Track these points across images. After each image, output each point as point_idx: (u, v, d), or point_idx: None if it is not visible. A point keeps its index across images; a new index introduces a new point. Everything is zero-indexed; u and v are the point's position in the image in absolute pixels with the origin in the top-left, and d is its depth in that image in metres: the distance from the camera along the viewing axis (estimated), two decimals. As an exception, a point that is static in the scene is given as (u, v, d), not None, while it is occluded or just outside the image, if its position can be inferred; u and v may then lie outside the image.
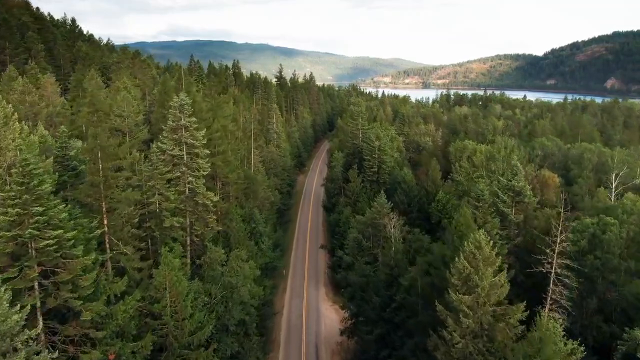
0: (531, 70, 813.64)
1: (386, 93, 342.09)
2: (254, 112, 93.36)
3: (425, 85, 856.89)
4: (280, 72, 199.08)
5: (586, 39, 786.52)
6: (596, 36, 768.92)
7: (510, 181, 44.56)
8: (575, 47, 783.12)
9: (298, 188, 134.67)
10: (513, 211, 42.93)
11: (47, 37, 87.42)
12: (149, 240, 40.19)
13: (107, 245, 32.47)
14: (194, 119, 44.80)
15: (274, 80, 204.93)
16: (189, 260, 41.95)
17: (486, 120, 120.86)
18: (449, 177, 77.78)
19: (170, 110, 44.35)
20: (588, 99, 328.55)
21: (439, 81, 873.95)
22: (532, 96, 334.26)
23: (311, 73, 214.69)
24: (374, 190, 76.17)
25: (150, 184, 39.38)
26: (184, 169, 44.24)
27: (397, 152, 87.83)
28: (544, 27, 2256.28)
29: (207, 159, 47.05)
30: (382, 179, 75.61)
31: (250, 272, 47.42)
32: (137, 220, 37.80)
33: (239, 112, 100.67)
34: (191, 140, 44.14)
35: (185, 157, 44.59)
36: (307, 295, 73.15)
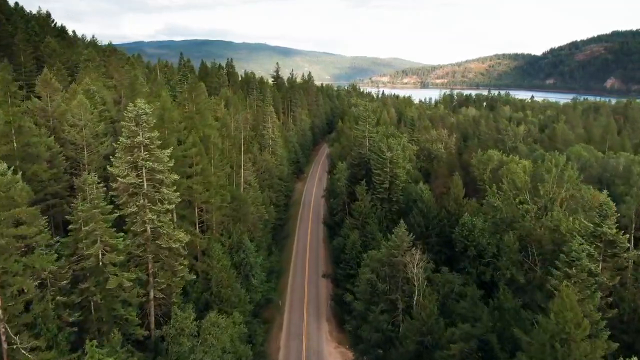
0: (530, 70, 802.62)
1: (386, 93, 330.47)
2: (244, 118, 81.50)
3: (424, 85, 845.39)
4: (277, 71, 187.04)
5: (585, 38, 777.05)
6: (595, 35, 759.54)
7: (600, 226, 31.85)
8: (574, 46, 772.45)
9: (296, 197, 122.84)
10: (600, 267, 30.69)
11: (5, 31, 75.08)
12: (91, 308, 28.36)
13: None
14: (156, 133, 32.90)
15: (270, 80, 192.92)
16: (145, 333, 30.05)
17: (505, 125, 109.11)
18: (472, 195, 66.14)
19: (123, 122, 32.47)
20: (591, 98, 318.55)
21: (438, 81, 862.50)
22: (532, 96, 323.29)
23: (309, 72, 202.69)
24: (385, 210, 64.41)
25: (87, 228, 27.53)
26: (142, 201, 32.42)
27: (409, 162, 76.05)
28: (543, 27, 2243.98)
29: (180, 184, 35.31)
30: (394, 196, 63.80)
31: (234, 332, 35.83)
32: (67, 281, 26.03)
33: (231, 116, 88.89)
34: (152, 164, 32.30)
35: (145, 185, 32.77)
36: (307, 334, 61.21)
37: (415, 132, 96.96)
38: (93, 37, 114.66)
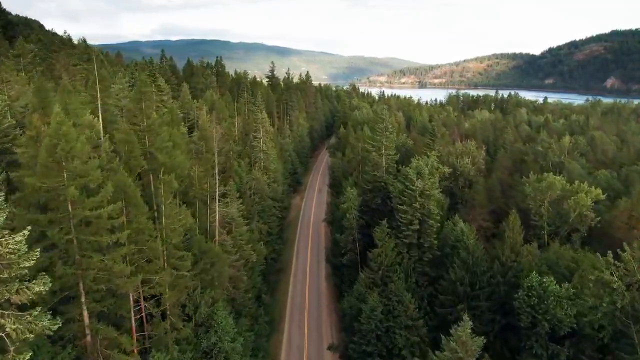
0: (529, 69, 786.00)
1: (387, 93, 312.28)
2: (221, 133, 63.71)
3: (422, 85, 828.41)
4: (272, 71, 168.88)
5: (584, 37, 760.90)
6: (594, 35, 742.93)
7: None
8: (573, 46, 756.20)
9: (293, 216, 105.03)
10: None
11: None
12: None
13: None
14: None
15: (265, 80, 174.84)
16: None
17: (537, 133, 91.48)
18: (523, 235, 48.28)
19: None
20: (598, 99, 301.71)
21: (436, 80, 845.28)
22: (531, 96, 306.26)
23: (307, 72, 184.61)
24: (413, 259, 46.63)
25: None
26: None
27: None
28: (542, 27, 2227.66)
29: (89, 264, 17.46)
30: (426, 240, 46.04)
31: None
32: None
33: (213, 125, 71.04)
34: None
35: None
36: None
37: (436, 143, 79.26)
38: (52, 29, 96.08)
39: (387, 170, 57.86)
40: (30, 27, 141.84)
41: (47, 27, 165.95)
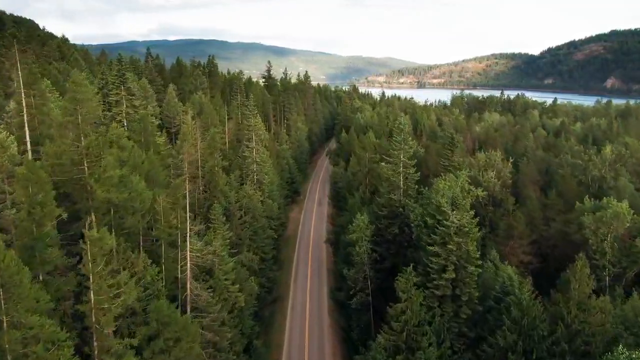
0: (528, 69, 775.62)
1: (387, 94, 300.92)
2: (195, 149, 52.48)
3: (421, 85, 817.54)
4: (269, 70, 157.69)
5: (583, 37, 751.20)
6: (594, 35, 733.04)
7: None
8: (572, 46, 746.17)
9: (291, 231, 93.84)
10: None
11: None
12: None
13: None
14: None
15: (261, 80, 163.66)
16: None
17: (572, 143, 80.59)
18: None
19: None
20: (608, 100, 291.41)
21: (434, 81, 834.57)
22: (532, 96, 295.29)
23: (306, 72, 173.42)
24: (447, 317, 35.55)
25: None
26: None
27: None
28: (540, 27, 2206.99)
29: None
30: (464, 292, 34.94)
31: None
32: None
33: (195, 134, 59.89)
34: None
35: None
36: None
37: (455, 154, 68.10)
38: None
39: (405, 191, 46.82)
40: (25, 26, 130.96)
41: (47, 28, 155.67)
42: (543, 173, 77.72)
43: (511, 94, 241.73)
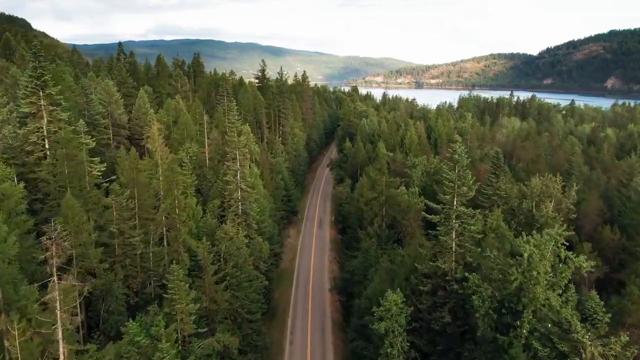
0: (526, 69, 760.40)
1: (387, 94, 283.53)
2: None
3: (418, 85, 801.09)
4: (263, 70, 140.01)
5: (582, 37, 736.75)
6: (592, 35, 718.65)
7: None
8: (571, 46, 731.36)
9: (286, 265, 76.77)
10: None
11: None
12: None
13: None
14: None
15: (255, 81, 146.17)
16: None
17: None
18: None
19: None
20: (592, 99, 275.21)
21: (432, 81, 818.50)
22: (529, 96, 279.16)
23: (304, 72, 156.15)
24: None
25: None
26: None
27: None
28: (538, 27, 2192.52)
29: None
30: None
31: None
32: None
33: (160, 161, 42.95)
34: None
35: None
36: None
37: (501, 179, 51.13)
38: None
39: (463, 257, 29.88)
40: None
41: (41, 28, 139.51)
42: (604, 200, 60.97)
43: (520, 95, 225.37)
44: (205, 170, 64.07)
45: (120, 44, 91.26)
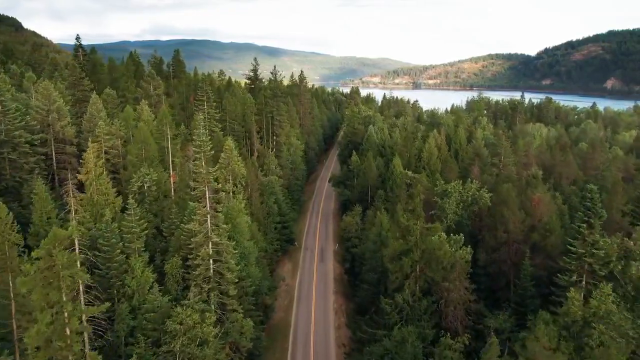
0: (525, 70, 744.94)
1: (386, 95, 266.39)
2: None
3: (416, 86, 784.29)
4: (255, 70, 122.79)
5: (581, 38, 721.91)
6: (591, 35, 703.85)
7: None
8: (570, 46, 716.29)
9: (279, 318, 59.47)
10: None
11: None
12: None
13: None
14: None
15: (246, 81, 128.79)
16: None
17: None
18: None
19: None
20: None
21: (430, 81, 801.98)
22: (532, 97, 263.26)
23: (301, 72, 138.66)
24: None
25: None
26: None
27: None
28: (536, 27, 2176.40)
29: None
30: None
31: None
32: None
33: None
34: None
35: None
36: None
37: (596, 230, 34.32)
38: None
39: None
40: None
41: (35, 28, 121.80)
42: None
43: (525, 96, 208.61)
44: (168, 203, 46.63)
45: (78, 37, 74.07)
